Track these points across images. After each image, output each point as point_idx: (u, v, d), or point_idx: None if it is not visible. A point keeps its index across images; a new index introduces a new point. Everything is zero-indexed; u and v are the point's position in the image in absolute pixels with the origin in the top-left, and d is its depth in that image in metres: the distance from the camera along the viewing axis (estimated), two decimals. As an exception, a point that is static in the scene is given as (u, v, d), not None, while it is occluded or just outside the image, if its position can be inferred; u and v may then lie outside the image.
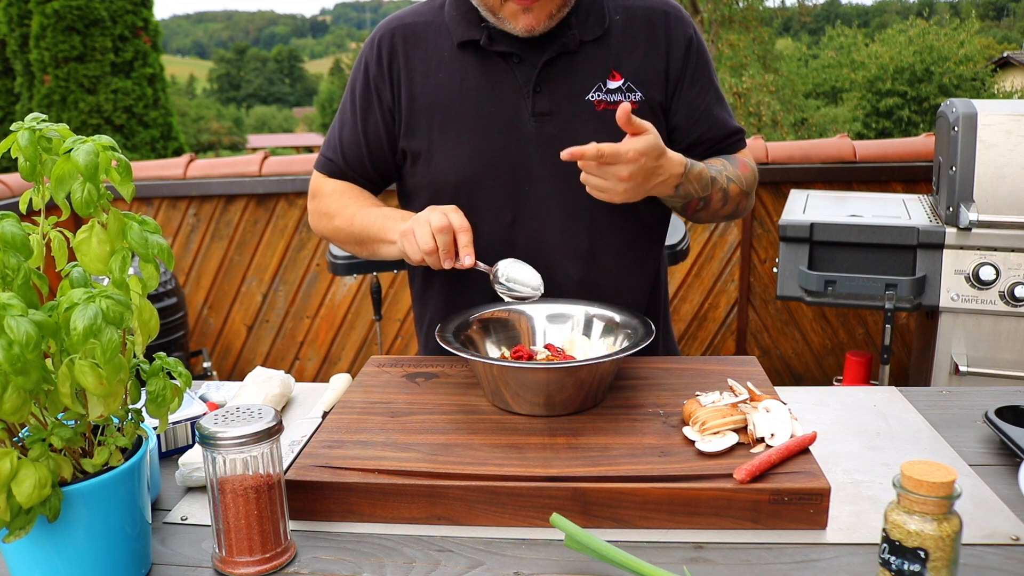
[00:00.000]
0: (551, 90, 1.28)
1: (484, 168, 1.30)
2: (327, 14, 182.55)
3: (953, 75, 19.69)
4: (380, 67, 1.34)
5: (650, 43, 1.31)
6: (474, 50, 1.30)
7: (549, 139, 1.28)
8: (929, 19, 23.70)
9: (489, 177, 1.30)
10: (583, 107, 1.28)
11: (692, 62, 1.34)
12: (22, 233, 0.71)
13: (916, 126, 19.36)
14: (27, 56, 7.58)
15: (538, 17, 1.22)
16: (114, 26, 7.63)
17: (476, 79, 1.30)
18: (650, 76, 1.31)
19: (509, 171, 1.30)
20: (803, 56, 29.44)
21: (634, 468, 0.88)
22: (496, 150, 1.29)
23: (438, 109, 1.31)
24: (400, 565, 0.82)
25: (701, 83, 1.35)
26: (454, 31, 1.31)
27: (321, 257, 3.50)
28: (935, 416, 1.14)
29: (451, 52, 1.31)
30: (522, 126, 1.28)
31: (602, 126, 1.27)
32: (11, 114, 8.24)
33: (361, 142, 1.38)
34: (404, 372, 1.20)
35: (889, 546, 0.71)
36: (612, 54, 1.30)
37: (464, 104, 1.30)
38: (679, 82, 1.33)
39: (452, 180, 1.31)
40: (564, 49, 1.27)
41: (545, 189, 1.30)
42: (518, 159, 1.29)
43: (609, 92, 1.29)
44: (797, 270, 2.33)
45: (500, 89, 1.29)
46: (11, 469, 0.67)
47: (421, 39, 1.33)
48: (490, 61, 1.29)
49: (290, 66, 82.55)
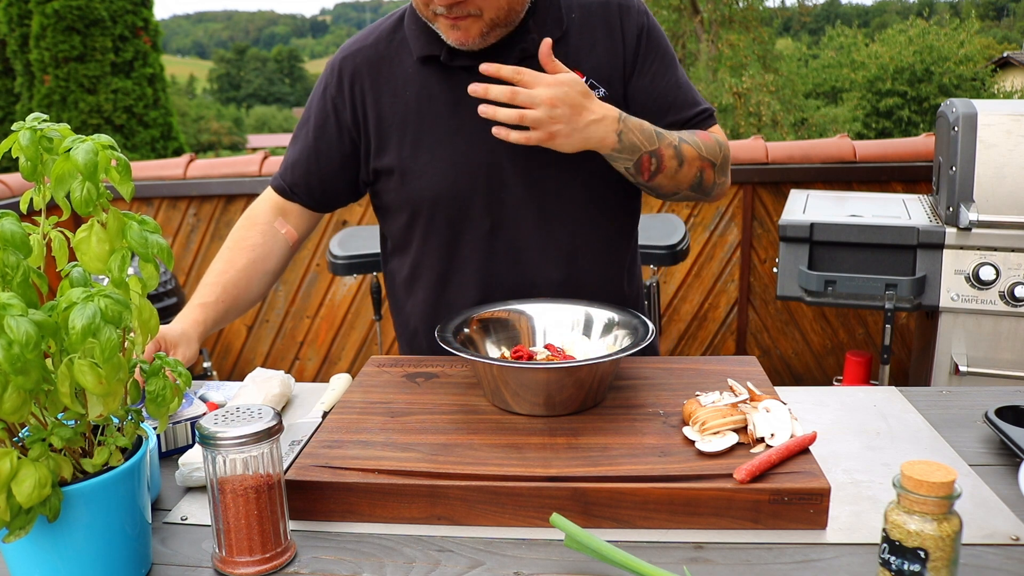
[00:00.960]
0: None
1: (459, 180, 1.30)
2: (327, 14, 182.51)
3: (953, 75, 19.69)
4: (340, 90, 1.34)
5: (607, 38, 1.31)
6: (436, 64, 1.29)
7: (519, 146, 1.24)
8: (929, 19, 23.72)
9: (464, 188, 1.30)
10: None
11: (643, 48, 1.32)
12: (21, 231, 0.71)
13: (916, 126, 19.36)
14: (27, 56, 7.58)
15: (468, 34, 1.21)
16: (114, 26, 7.63)
17: (442, 93, 1.29)
18: (610, 71, 1.31)
19: (483, 180, 1.30)
20: (803, 56, 29.44)
21: (634, 468, 0.88)
22: (469, 161, 1.29)
23: (409, 126, 1.31)
24: (400, 565, 0.82)
25: (656, 67, 1.33)
26: (414, 47, 1.30)
27: (321, 257, 3.50)
28: (935, 416, 1.14)
29: (414, 68, 1.31)
30: (493, 137, 1.26)
31: None
32: (11, 114, 8.24)
33: (311, 161, 1.38)
34: (404, 372, 1.20)
35: (889, 546, 0.71)
36: (572, 53, 1.29)
37: (434, 119, 1.30)
38: (633, 69, 1.32)
39: (428, 195, 1.32)
40: (525, 54, 1.27)
41: (520, 194, 1.31)
42: (491, 168, 1.30)
43: None
44: (797, 270, 2.33)
45: (466, 101, 1.25)
46: (11, 469, 0.67)
47: (384, 60, 1.33)
48: (454, 74, 1.29)
49: (290, 66, 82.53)
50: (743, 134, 16.95)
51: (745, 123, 18.14)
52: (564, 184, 1.32)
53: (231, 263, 1.34)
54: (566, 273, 1.35)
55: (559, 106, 1.12)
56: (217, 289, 1.30)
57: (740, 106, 18.29)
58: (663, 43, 1.36)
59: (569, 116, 1.13)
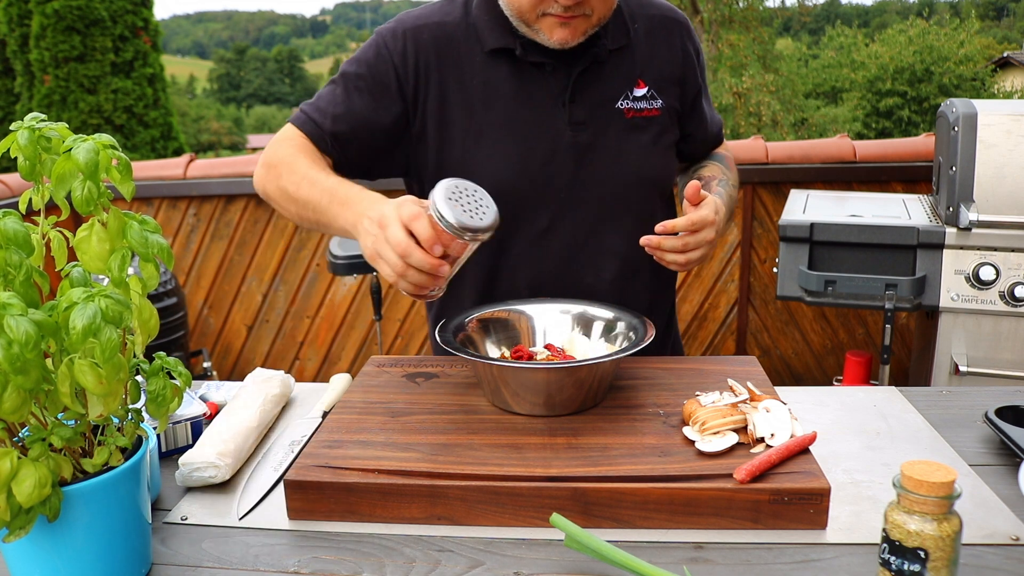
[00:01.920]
0: (584, 100, 1.30)
1: (521, 176, 1.30)
2: (327, 14, 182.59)
3: (953, 75, 19.69)
4: (405, 61, 1.29)
5: (667, 51, 1.36)
6: (507, 57, 1.29)
7: (583, 147, 1.30)
8: (929, 19, 23.72)
9: (525, 185, 1.30)
10: (614, 115, 1.31)
11: (699, 68, 1.42)
12: (23, 230, 0.71)
13: (916, 126, 19.36)
14: (27, 56, 7.58)
15: (574, 33, 1.22)
16: (114, 26, 7.63)
17: (511, 87, 1.29)
18: (668, 83, 1.36)
19: (545, 178, 1.31)
20: (803, 56, 29.45)
21: (634, 468, 0.88)
22: (534, 159, 1.30)
23: (474, 116, 1.29)
24: (400, 565, 0.82)
25: (703, 86, 1.44)
26: (485, 37, 1.29)
27: (321, 257, 3.50)
28: (935, 416, 1.14)
29: (482, 58, 1.30)
30: (558, 135, 1.29)
31: (630, 133, 1.32)
32: (11, 114, 8.24)
33: (357, 124, 1.29)
34: (404, 372, 1.20)
35: (889, 546, 0.71)
36: (637, 62, 1.33)
37: (500, 112, 1.29)
38: (697, 94, 1.41)
39: (489, 190, 1.30)
40: (595, 59, 1.29)
41: (578, 194, 1.32)
42: (554, 167, 1.30)
43: (636, 100, 1.32)
44: (797, 270, 2.33)
45: (535, 98, 1.29)
46: (11, 469, 0.67)
47: (453, 43, 1.30)
48: (523, 70, 1.29)
49: (290, 66, 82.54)
50: (743, 134, 16.95)
51: (745, 123, 18.15)
52: (620, 189, 1.33)
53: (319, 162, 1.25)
54: (616, 273, 1.36)
55: (715, 239, 1.21)
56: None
57: (740, 106, 18.29)
58: (704, 62, 1.45)
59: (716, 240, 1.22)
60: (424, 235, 0.97)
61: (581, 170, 1.31)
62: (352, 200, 1.12)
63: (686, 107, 1.40)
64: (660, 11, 1.38)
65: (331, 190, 1.16)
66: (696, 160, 1.51)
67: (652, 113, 1.33)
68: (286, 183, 1.23)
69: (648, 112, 1.33)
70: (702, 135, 1.46)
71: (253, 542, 0.87)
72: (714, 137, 1.50)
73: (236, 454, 1.01)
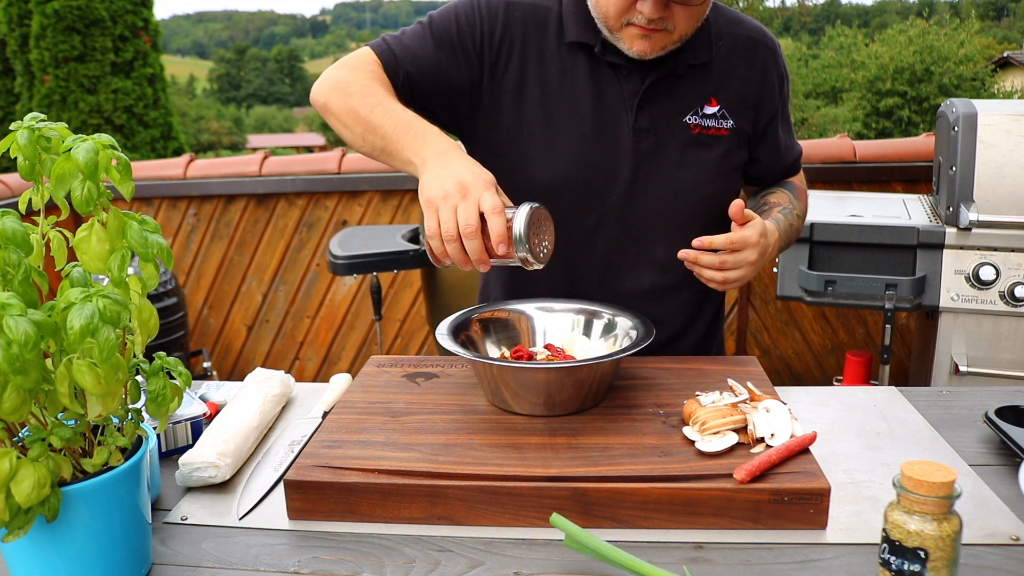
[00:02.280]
0: (652, 108, 1.29)
1: (578, 173, 1.30)
2: (327, 14, 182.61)
3: (953, 75, 19.69)
4: (493, 32, 1.28)
5: (747, 73, 1.34)
6: (586, 53, 1.29)
7: (642, 154, 1.29)
8: (929, 19, 23.72)
9: (581, 182, 1.30)
10: (679, 128, 1.30)
11: (784, 99, 1.40)
12: (23, 230, 0.71)
13: (916, 126, 19.35)
14: (27, 56, 7.58)
15: (653, 46, 1.22)
16: (114, 26, 7.63)
17: (585, 83, 1.29)
18: (742, 105, 1.34)
19: (600, 180, 1.30)
20: (803, 56, 29.43)
21: (634, 468, 0.88)
22: (592, 159, 1.29)
23: (545, 105, 1.29)
24: (400, 565, 0.82)
25: (786, 117, 1.42)
26: (569, 28, 1.29)
27: (321, 257, 3.50)
28: (935, 416, 1.14)
29: (562, 48, 1.29)
30: (621, 138, 1.29)
31: (693, 149, 1.31)
32: (11, 114, 8.23)
33: (430, 71, 1.27)
34: (404, 372, 1.19)
35: (889, 546, 0.71)
36: (713, 81, 1.31)
37: (571, 105, 1.29)
38: (772, 119, 1.38)
39: (543, 180, 1.30)
40: (672, 72, 1.28)
41: (629, 199, 1.31)
42: (609, 169, 1.30)
43: (705, 117, 1.31)
44: (797, 270, 2.33)
45: (605, 98, 1.28)
46: (10, 469, 0.67)
47: (540, 25, 1.30)
48: (599, 68, 1.28)
49: (290, 66, 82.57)
50: (743, 134, 16.87)
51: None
52: (673, 202, 1.32)
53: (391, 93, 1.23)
54: (655, 281, 1.35)
55: (757, 261, 1.20)
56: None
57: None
58: (789, 89, 1.43)
59: (760, 261, 1.21)
60: (496, 235, 0.98)
61: (637, 176, 1.30)
62: (429, 138, 1.11)
63: (758, 131, 1.38)
64: (748, 31, 1.35)
65: (408, 122, 1.15)
66: (765, 185, 1.48)
67: (720, 132, 1.31)
68: (357, 104, 1.20)
69: (715, 131, 1.31)
70: (773, 161, 1.43)
71: (253, 542, 0.87)
72: (788, 166, 1.47)
73: (236, 454, 1.01)
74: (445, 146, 1.09)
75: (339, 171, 3.40)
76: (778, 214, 1.35)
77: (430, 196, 1.02)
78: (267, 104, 71.83)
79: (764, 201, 1.42)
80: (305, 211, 3.46)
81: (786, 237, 1.35)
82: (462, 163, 1.05)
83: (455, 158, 1.06)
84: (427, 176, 1.05)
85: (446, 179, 1.02)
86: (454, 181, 1.01)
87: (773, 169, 1.45)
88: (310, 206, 3.46)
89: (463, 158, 1.06)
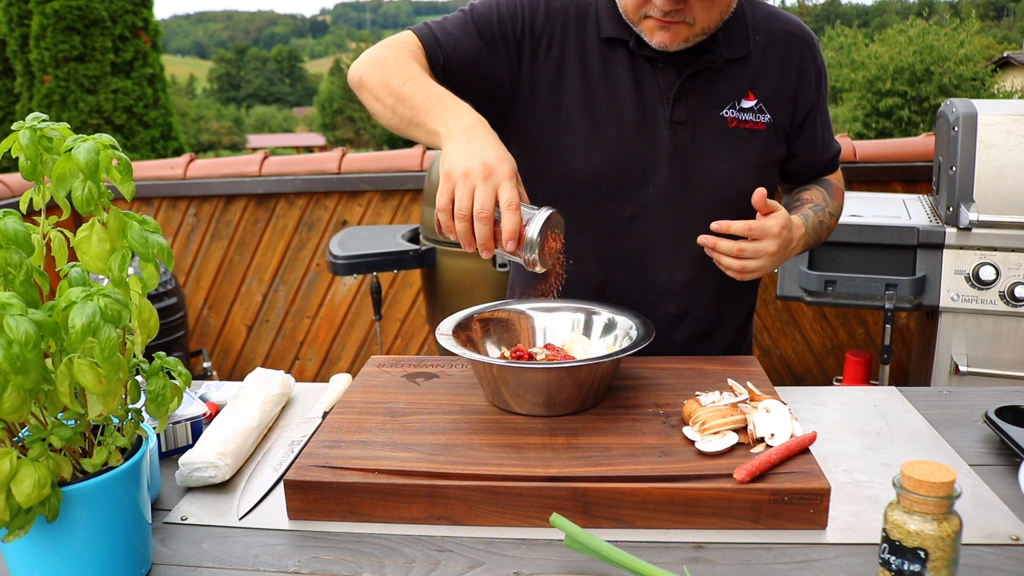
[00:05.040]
0: (689, 101, 1.29)
1: (614, 166, 1.30)
2: (327, 14, 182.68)
3: (953, 75, 19.68)
4: (534, 23, 1.30)
5: (785, 67, 1.34)
6: (623, 46, 1.29)
7: (679, 147, 1.29)
8: (929, 19, 23.69)
9: (616, 174, 1.30)
10: (716, 122, 1.30)
11: (822, 95, 1.39)
12: (24, 230, 0.71)
13: (916, 126, 19.35)
14: (27, 56, 7.58)
15: (674, 38, 1.22)
16: (114, 26, 7.63)
17: (622, 77, 1.29)
18: (780, 99, 1.33)
19: (637, 172, 1.30)
20: (803, 56, 29.34)
21: (634, 468, 0.88)
22: (629, 151, 1.30)
23: (584, 95, 1.29)
24: (400, 565, 0.82)
25: (823, 113, 1.41)
26: (604, 23, 1.29)
27: (321, 257, 3.50)
28: (935, 416, 1.14)
29: (598, 42, 1.30)
30: (657, 131, 1.29)
31: (730, 142, 1.31)
32: (11, 114, 8.23)
33: (468, 59, 1.27)
34: (404, 372, 1.19)
35: (889, 546, 0.71)
36: (751, 74, 1.31)
37: (609, 98, 1.29)
38: (809, 113, 1.38)
39: (581, 171, 1.30)
40: (709, 65, 1.28)
41: (665, 192, 1.31)
42: (646, 161, 1.30)
43: (742, 111, 1.31)
44: (797, 270, 2.33)
45: (642, 92, 1.29)
46: (11, 469, 0.67)
47: (580, 19, 1.31)
48: (635, 61, 1.29)
49: (290, 66, 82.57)
50: (743, 134, 16.88)
51: (745, 123, 18.10)
52: (708, 195, 1.32)
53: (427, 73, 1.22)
54: (690, 275, 1.35)
55: (778, 253, 1.19)
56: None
57: (740, 106, 18.25)
58: (827, 84, 1.42)
59: (780, 256, 1.21)
60: (507, 231, 0.97)
61: (674, 169, 1.30)
62: (459, 110, 1.10)
63: (796, 126, 1.37)
64: (785, 26, 1.35)
65: (439, 95, 1.14)
66: (801, 182, 1.48)
67: (757, 127, 1.31)
68: (391, 76, 1.20)
69: (753, 125, 1.31)
70: (810, 157, 1.42)
71: (253, 542, 0.87)
72: (825, 163, 1.46)
73: (236, 454, 1.01)
74: (473, 120, 1.08)
75: (339, 171, 3.40)
76: (808, 210, 1.34)
77: (450, 168, 1.01)
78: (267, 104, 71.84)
79: (797, 197, 1.41)
80: (305, 211, 3.46)
81: (815, 234, 1.34)
82: (488, 141, 1.03)
83: (482, 134, 1.04)
84: (450, 147, 1.04)
85: (470, 156, 1.01)
86: (478, 160, 1.00)
87: (810, 165, 1.45)
88: (310, 206, 3.46)
89: (491, 136, 1.05)
